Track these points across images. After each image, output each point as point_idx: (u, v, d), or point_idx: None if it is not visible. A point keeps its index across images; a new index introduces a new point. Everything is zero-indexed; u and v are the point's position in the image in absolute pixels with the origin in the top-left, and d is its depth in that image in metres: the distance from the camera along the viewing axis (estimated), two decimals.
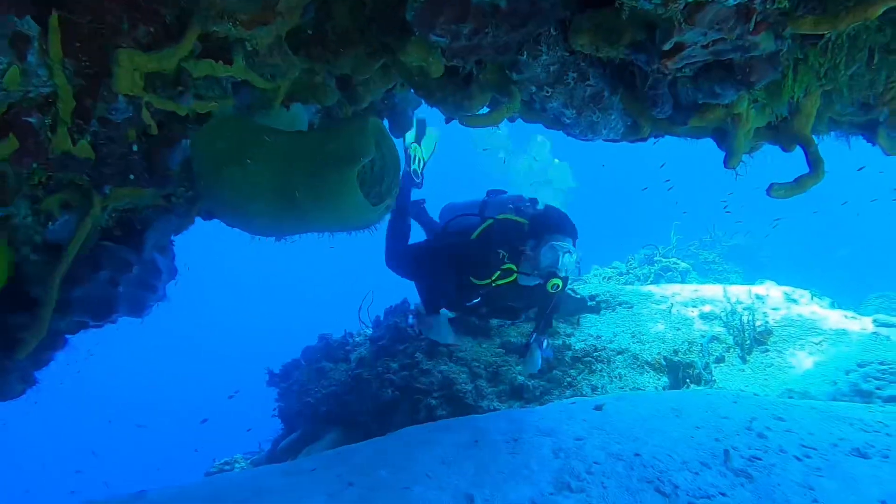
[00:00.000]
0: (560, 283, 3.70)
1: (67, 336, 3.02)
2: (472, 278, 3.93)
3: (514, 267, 3.86)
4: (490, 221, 4.12)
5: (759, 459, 3.18)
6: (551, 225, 3.85)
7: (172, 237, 3.27)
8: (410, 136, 5.17)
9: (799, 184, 2.11)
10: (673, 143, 2.69)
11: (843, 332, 5.76)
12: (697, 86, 1.99)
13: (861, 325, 5.83)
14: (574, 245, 3.83)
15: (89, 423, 22.66)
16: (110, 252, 2.72)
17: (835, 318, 6.02)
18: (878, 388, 4.81)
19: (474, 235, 4.09)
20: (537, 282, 3.84)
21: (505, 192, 4.59)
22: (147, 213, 2.85)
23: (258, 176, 2.54)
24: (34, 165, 2.06)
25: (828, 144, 2.69)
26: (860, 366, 5.06)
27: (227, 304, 33.83)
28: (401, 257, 4.67)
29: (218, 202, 2.71)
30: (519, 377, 5.06)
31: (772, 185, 2.12)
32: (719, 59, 1.84)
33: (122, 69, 2.05)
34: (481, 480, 3.07)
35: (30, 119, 1.97)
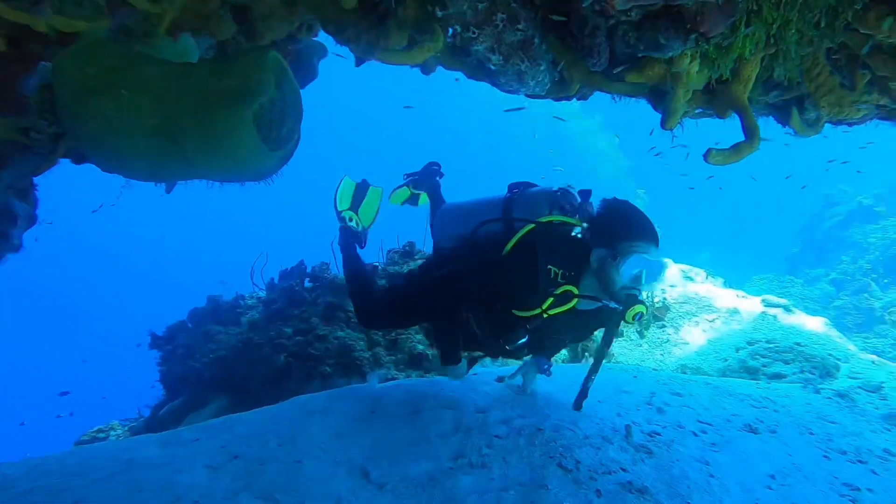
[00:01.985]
0: (644, 310, 2.79)
1: None
2: (514, 310, 2.92)
3: (573, 289, 2.86)
4: (530, 226, 2.99)
5: (659, 435, 3.21)
6: (628, 227, 2.83)
7: (34, 180, 2.85)
8: (344, 200, 4.15)
9: (735, 151, 2.02)
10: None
11: (735, 311, 6.00)
12: (640, 35, 1.83)
13: (751, 304, 6.08)
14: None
15: None
16: None
17: (728, 297, 6.26)
18: (764, 366, 5.03)
19: (508, 248, 2.97)
20: (600, 305, 2.94)
21: (535, 185, 3.38)
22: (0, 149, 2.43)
23: (135, 110, 2.17)
24: None
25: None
26: (749, 344, 5.28)
27: (102, 260, 31.99)
28: (383, 309, 3.66)
29: (86, 139, 2.32)
30: (418, 346, 4.90)
31: (709, 150, 2.02)
32: (668, 5, 1.69)
33: None
34: (378, 454, 2.90)
35: None
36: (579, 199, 3.15)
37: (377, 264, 5.68)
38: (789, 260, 17.68)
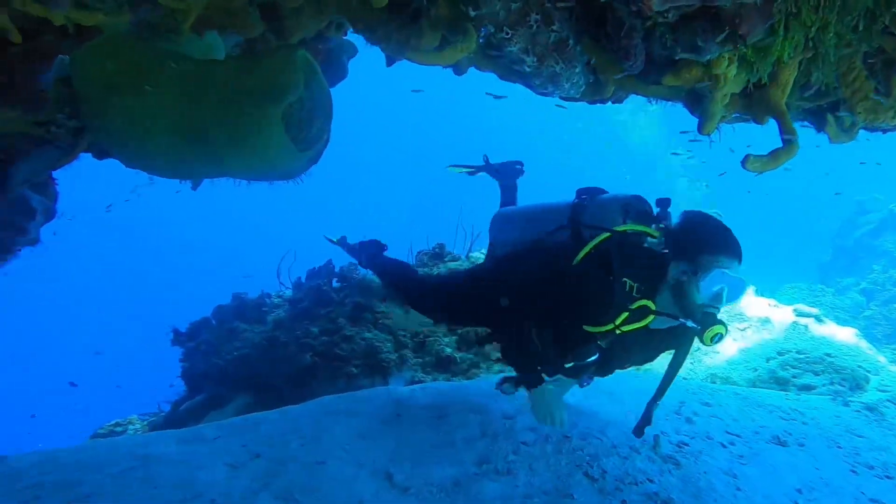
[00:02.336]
0: (724, 331, 2.50)
1: None
2: (584, 325, 2.66)
3: (650, 304, 2.58)
4: (605, 235, 2.70)
5: (687, 445, 3.17)
6: (711, 240, 2.55)
7: (55, 174, 2.84)
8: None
9: (773, 157, 1.98)
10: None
11: (766, 321, 5.93)
12: (677, 37, 1.79)
13: (783, 314, 6.00)
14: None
15: None
16: None
17: (760, 306, 6.19)
18: (794, 377, 4.95)
19: (579, 257, 2.70)
20: (676, 323, 2.63)
21: (605, 192, 3.08)
22: (16, 142, 2.41)
23: (160, 107, 2.15)
24: None
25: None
26: (780, 354, 5.20)
27: (122, 257, 32.10)
28: (434, 294, 3.56)
29: (108, 135, 2.31)
30: (446, 349, 4.87)
31: (747, 156, 1.97)
32: (706, 6, 1.65)
33: None
34: (402, 457, 2.88)
35: None
36: (656, 209, 2.86)
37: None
38: (821, 268, 17.34)
